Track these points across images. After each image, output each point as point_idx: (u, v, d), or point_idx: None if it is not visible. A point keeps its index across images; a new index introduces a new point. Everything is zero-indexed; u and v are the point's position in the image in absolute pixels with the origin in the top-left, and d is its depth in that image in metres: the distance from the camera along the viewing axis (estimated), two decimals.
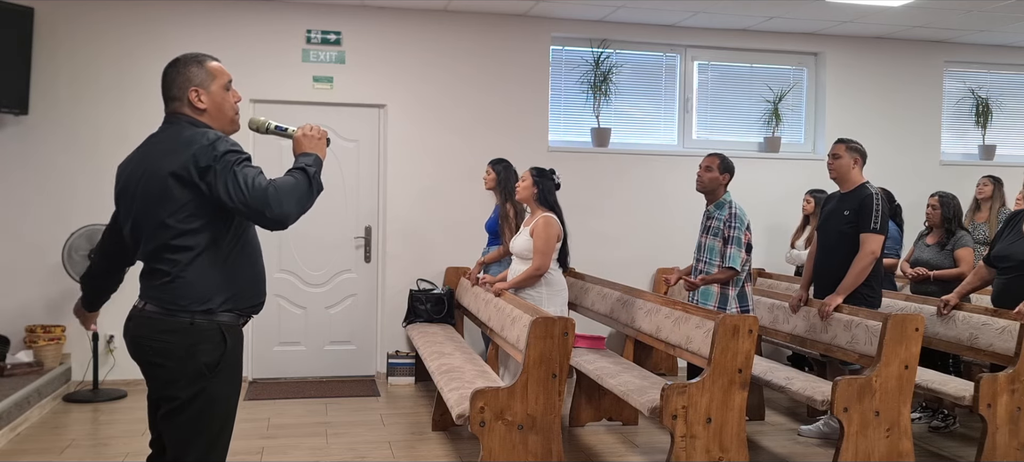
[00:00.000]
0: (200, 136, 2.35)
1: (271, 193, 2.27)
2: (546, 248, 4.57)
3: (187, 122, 2.44)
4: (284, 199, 2.29)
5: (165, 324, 2.34)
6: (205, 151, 2.30)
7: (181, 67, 2.46)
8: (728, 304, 4.52)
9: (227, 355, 2.39)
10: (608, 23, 6.70)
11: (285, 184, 2.33)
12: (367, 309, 6.54)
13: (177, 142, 2.36)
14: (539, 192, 4.71)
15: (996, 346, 4.37)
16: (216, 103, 2.47)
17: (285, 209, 2.30)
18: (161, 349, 2.35)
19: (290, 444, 4.74)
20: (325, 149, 2.51)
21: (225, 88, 2.50)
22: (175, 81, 2.45)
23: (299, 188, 2.35)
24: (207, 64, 2.48)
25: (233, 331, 2.42)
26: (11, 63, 5.62)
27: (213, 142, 2.32)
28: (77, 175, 5.97)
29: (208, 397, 2.36)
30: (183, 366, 2.34)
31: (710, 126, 7.16)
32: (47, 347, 5.74)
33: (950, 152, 7.58)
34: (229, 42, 6.11)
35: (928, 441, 4.98)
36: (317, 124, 2.55)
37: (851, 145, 4.66)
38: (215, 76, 2.48)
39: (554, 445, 3.75)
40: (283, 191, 2.30)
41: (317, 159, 2.45)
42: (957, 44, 7.36)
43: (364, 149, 6.48)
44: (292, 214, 2.33)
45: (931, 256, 5.54)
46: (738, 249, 4.48)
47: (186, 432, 2.37)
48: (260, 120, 2.60)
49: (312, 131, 2.50)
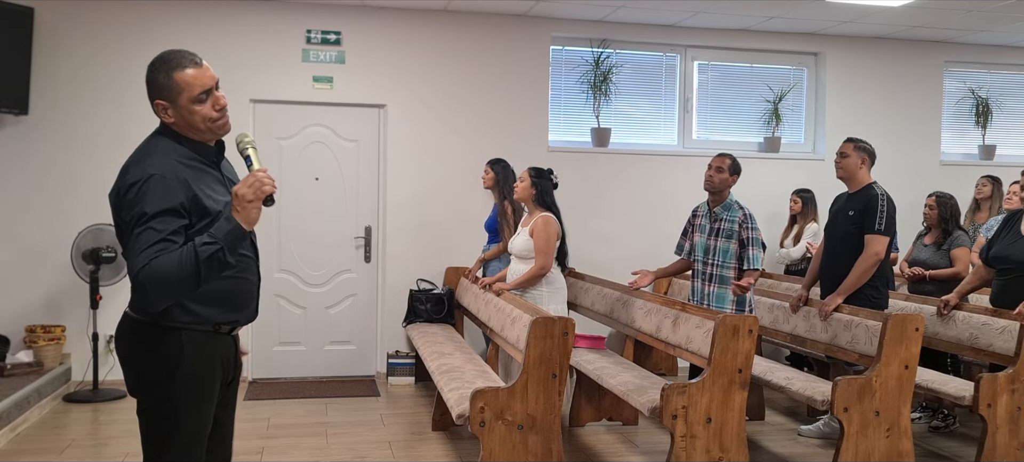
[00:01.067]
0: (140, 167, 2.22)
1: (139, 281, 2.14)
2: (548, 248, 4.59)
3: (160, 135, 2.35)
4: (150, 288, 2.13)
5: (132, 327, 2.32)
6: (127, 193, 2.19)
7: (151, 72, 2.32)
8: (745, 305, 4.52)
9: (185, 363, 2.29)
10: (608, 23, 6.70)
11: (160, 269, 2.12)
12: (367, 309, 6.54)
13: (128, 162, 2.29)
14: (537, 192, 4.72)
15: (996, 346, 4.36)
16: (183, 117, 2.29)
17: (149, 299, 2.16)
18: (128, 351, 2.34)
19: (290, 444, 4.74)
20: (257, 213, 2.23)
21: (195, 101, 2.28)
22: (148, 86, 2.33)
23: (177, 275, 2.13)
24: (175, 75, 2.26)
25: (196, 339, 2.31)
26: (11, 63, 5.62)
27: (137, 187, 2.18)
28: (77, 175, 5.97)
29: (172, 404, 2.30)
30: (146, 369, 2.31)
31: (710, 126, 7.16)
32: (47, 347, 5.74)
33: (950, 152, 7.58)
34: (229, 42, 6.11)
35: (928, 441, 4.98)
36: (267, 178, 2.24)
37: (859, 145, 4.64)
38: (182, 89, 2.26)
39: (554, 445, 3.75)
40: (152, 278, 2.12)
41: (232, 231, 2.19)
42: (957, 44, 7.36)
43: (364, 149, 6.48)
44: (158, 304, 2.18)
45: (928, 256, 5.54)
46: (759, 250, 4.48)
47: (153, 434, 2.34)
48: (245, 142, 2.38)
49: (249, 189, 2.20)
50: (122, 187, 2.23)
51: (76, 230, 5.83)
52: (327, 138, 6.39)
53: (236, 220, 2.21)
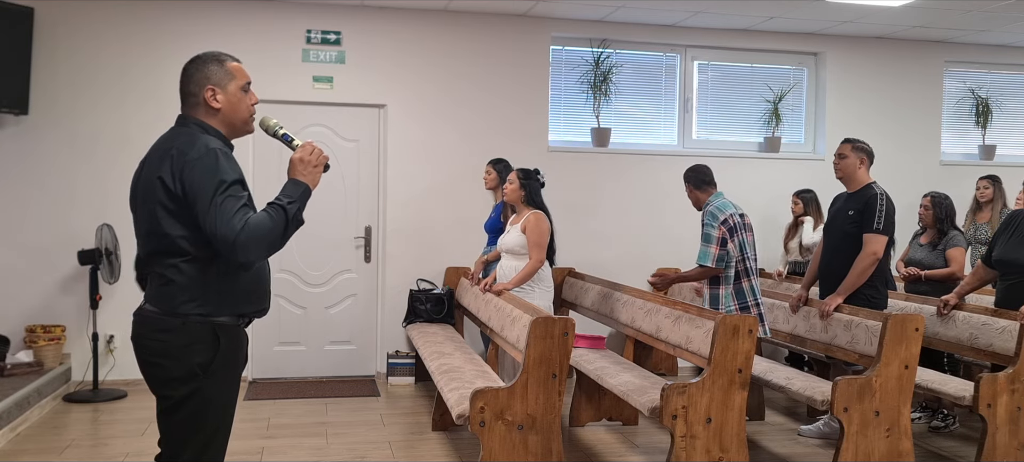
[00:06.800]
0: (198, 146, 2.31)
1: (241, 240, 2.22)
2: (542, 242, 4.71)
3: (195, 125, 2.42)
4: (252, 246, 2.25)
5: (160, 324, 2.34)
6: (194, 167, 2.27)
7: (200, 64, 2.44)
8: (720, 304, 4.51)
9: (220, 356, 2.36)
10: (608, 23, 6.70)
11: (259, 227, 2.26)
12: (367, 309, 6.54)
13: (173, 146, 2.34)
14: (527, 193, 4.86)
15: (996, 346, 4.37)
16: (231, 104, 2.44)
17: (251, 256, 2.28)
18: (156, 348, 2.35)
19: (290, 444, 4.74)
20: (319, 177, 2.44)
21: (242, 89, 2.46)
22: (193, 78, 2.43)
23: (273, 231, 2.29)
24: (227, 64, 2.45)
25: (229, 332, 2.39)
26: (11, 63, 5.62)
27: (205, 159, 2.28)
28: (77, 175, 5.96)
29: (202, 398, 2.35)
30: (177, 365, 2.33)
31: (710, 126, 7.16)
32: (47, 347, 5.74)
33: (950, 152, 7.58)
34: (229, 42, 6.09)
35: (928, 441, 4.98)
36: (319, 147, 2.47)
37: (858, 145, 4.65)
38: (234, 76, 2.45)
39: (554, 445, 3.75)
40: (253, 237, 2.24)
41: (304, 192, 2.38)
42: (957, 44, 7.35)
43: (364, 149, 6.48)
44: (258, 260, 2.32)
45: (924, 256, 5.55)
46: (706, 245, 4.47)
47: (181, 432, 2.38)
48: (272, 123, 2.57)
49: (311, 155, 2.42)
50: (182, 166, 2.29)
51: (76, 230, 5.85)
52: (327, 138, 6.38)
53: (304, 182, 2.39)
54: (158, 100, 5.74)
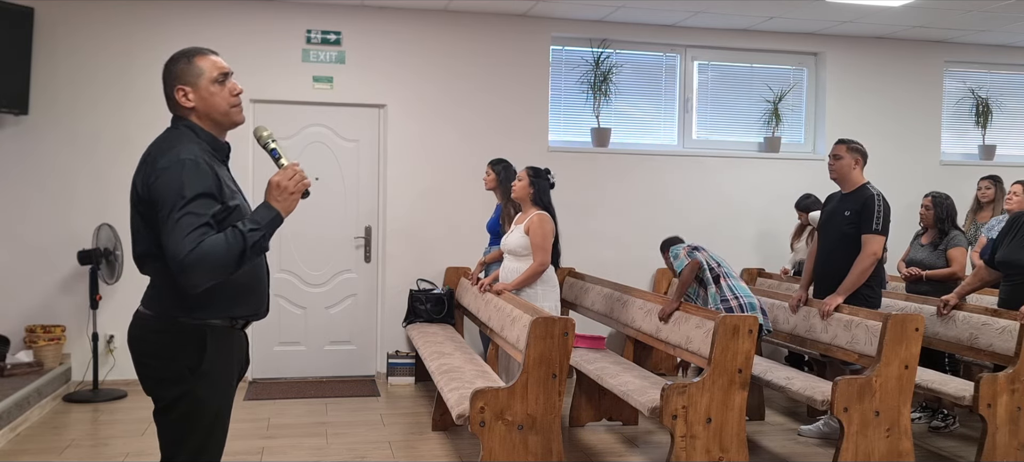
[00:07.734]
0: (170, 154, 2.26)
1: (188, 262, 2.15)
2: (546, 244, 4.63)
3: (185, 127, 2.39)
4: (197, 271, 2.16)
5: (152, 325, 2.35)
6: (160, 177, 2.22)
7: (170, 64, 2.39)
8: (707, 305, 4.55)
9: (209, 359, 2.33)
10: (608, 23, 6.70)
11: (210, 252, 2.16)
12: (367, 309, 6.54)
13: (151, 151, 2.33)
14: (535, 191, 4.76)
15: (996, 346, 4.37)
16: (204, 99, 2.36)
17: (194, 280, 2.19)
18: (148, 349, 2.36)
19: (290, 444, 4.74)
20: (295, 204, 2.34)
21: (215, 82, 2.37)
22: (165, 79, 2.40)
23: (225, 258, 2.19)
24: (195, 59, 2.37)
25: (219, 334, 2.36)
26: (11, 63, 5.62)
27: (171, 170, 2.22)
28: (77, 175, 5.96)
29: (194, 399, 2.34)
30: (166, 366, 2.33)
31: (710, 126, 7.16)
32: (47, 347, 5.74)
33: (950, 152, 7.58)
34: (229, 42, 6.09)
35: (928, 441, 4.98)
36: (302, 171, 2.36)
37: (852, 145, 4.66)
38: (203, 71, 2.37)
39: (554, 445, 3.75)
40: (202, 261, 2.15)
41: (274, 220, 2.29)
42: (957, 44, 7.35)
43: (364, 149, 6.48)
44: (203, 285, 2.21)
45: (924, 256, 5.55)
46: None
47: (174, 433, 2.37)
48: (264, 134, 2.48)
49: (290, 181, 2.31)
50: (150, 174, 2.27)
51: (76, 230, 5.84)
52: (327, 138, 6.39)
53: (276, 209, 2.31)
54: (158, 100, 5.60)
